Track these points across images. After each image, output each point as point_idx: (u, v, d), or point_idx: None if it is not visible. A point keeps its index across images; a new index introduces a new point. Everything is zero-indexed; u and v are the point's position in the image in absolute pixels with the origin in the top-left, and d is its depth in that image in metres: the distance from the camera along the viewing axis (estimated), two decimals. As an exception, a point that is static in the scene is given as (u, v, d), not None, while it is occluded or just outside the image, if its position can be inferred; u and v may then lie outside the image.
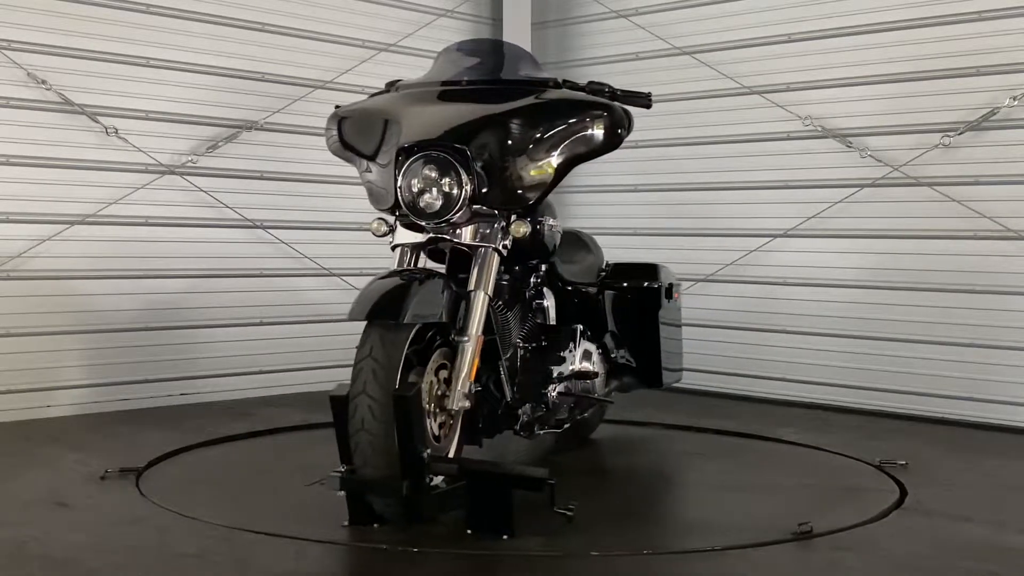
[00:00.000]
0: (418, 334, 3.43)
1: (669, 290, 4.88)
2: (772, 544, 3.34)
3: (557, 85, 3.86)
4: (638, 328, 4.79)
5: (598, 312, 4.70)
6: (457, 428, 3.58)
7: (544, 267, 4.28)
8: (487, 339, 3.62)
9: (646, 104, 3.90)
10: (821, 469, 4.51)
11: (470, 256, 3.71)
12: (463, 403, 3.51)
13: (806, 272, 6.11)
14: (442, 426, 3.54)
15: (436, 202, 3.59)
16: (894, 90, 5.76)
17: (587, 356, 4.43)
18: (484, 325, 3.58)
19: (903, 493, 4.00)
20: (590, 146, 3.79)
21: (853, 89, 5.90)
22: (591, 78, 4.06)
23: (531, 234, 3.76)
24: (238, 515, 3.57)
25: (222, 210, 5.92)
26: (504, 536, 3.35)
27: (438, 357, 3.54)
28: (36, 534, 3.33)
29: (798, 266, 6.14)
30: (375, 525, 3.43)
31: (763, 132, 6.25)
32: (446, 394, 3.52)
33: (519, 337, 4.13)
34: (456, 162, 3.58)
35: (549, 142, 3.72)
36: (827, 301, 6.00)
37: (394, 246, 3.81)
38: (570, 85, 3.87)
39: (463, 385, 3.50)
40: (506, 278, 4.03)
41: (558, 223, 4.13)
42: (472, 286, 3.61)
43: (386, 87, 4.12)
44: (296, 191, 6.25)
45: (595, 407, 4.73)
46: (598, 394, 4.48)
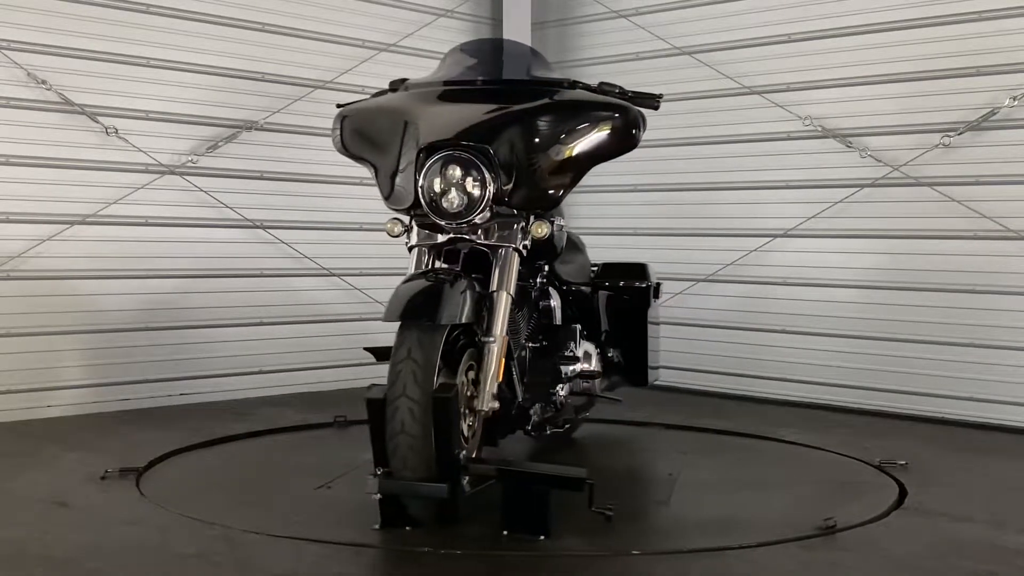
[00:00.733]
0: (447, 335, 3.41)
1: (656, 289, 4.94)
2: (772, 544, 3.34)
3: (571, 85, 3.87)
4: (628, 327, 4.81)
5: (593, 312, 4.71)
6: (480, 429, 3.57)
7: (546, 267, 4.28)
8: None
9: (654, 105, 3.90)
10: (821, 469, 4.52)
11: (484, 256, 3.70)
12: (493, 404, 3.50)
13: (806, 272, 6.11)
14: (469, 427, 3.53)
15: (460, 202, 3.57)
16: (894, 90, 5.76)
17: (588, 356, 4.44)
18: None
19: (903, 493, 4.01)
20: (609, 147, 3.79)
21: (853, 89, 5.90)
22: (591, 78, 4.06)
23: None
24: (239, 515, 3.57)
25: (222, 210, 5.92)
26: (541, 537, 3.34)
27: (467, 358, 3.51)
28: (36, 534, 3.33)
29: (798, 266, 6.14)
30: (407, 528, 3.41)
31: (763, 132, 6.25)
32: (474, 395, 3.50)
33: (525, 337, 4.14)
34: (480, 162, 3.56)
35: (570, 142, 3.71)
36: (827, 301, 6.00)
37: (411, 247, 3.77)
38: (582, 86, 3.88)
39: (492, 386, 3.49)
40: None
41: (566, 223, 4.14)
42: (495, 287, 3.61)
43: (391, 86, 4.10)
44: (296, 191, 6.25)
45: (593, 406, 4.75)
46: (598, 392, 4.49)
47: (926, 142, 5.61)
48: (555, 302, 4.34)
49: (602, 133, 3.76)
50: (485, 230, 3.66)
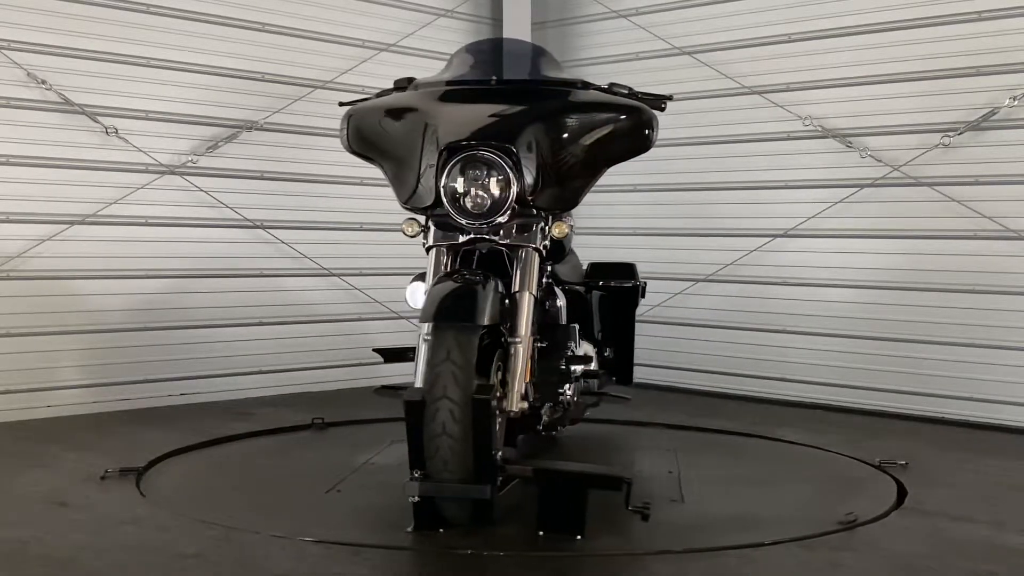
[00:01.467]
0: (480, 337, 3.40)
1: (643, 289, 4.95)
2: (772, 544, 3.34)
3: (584, 86, 3.87)
4: (617, 326, 4.82)
5: (587, 311, 4.71)
6: (505, 429, 3.56)
7: (550, 267, 4.28)
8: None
9: (660, 107, 3.91)
10: (821, 469, 4.52)
11: (498, 255, 3.70)
12: (522, 404, 3.49)
13: (806, 272, 6.11)
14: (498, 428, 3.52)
15: (484, 202, 3.55)
16: (894, 90, 5.76)
17: (588, 355, 4.44)
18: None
19: (903, 493, 4.01)
20: (626, 147, 3.81)
21: (853, 89, 5.90)
22: (591, 78, 4.06)
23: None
24: (239, 515, 3.57)
25: (222, 210, 5.92)
26: (577, 537, 3.33)
27: (496, 359, 3.50)
28: (36, 534, 3.33)
29: (798, 266, 6.14)
30: (440, 530, 3.38)
31: (763, 132, 6.26)
32: (504, 395, 3.49)
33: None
34: (504, 162, 3.55)
35: (591, 143, 3.73)
36: (827, 301, 6.00)
37: (428, 247, 3.73)
38: (594, 86, 3.88)
39: (520, 386, 3.49)
40: None
41: (575, 223, 4.15)
42: (517, 287, 3.60)
43: (396, 85, 4.06)
44: (296, 191, 6.25)
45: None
46: (596, 391, 4.50)
47: (926, 142, 5.61)
48: (561, 302, 4.35)
49: (621, 134, 3.78)
50: (506, 230, 3.65)
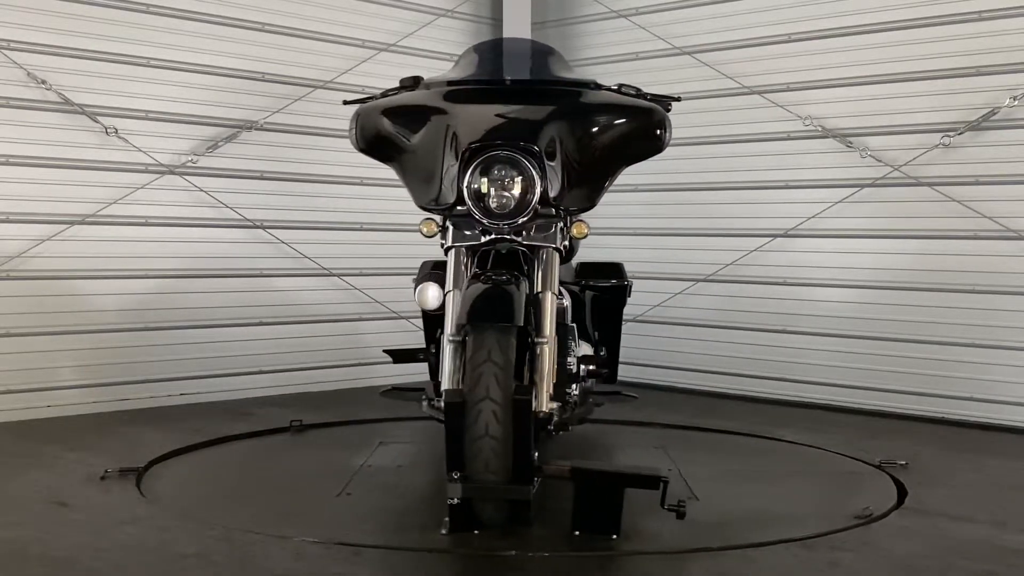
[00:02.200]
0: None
1: (630, 288, 4.94)
2: (772, 544, 3.34)
3: (596, 87, 3.87)
4: (606, 325, 4.83)
5: (582, 311, 4.72)
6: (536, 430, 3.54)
7: None
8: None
9: (667, 108, 3.93)
10: (821, 469, 4.52)
11: (514, 256, 3.70)
12: (552, 404, 3.49)
13: (806, 272, 6.11)
14: None
15: (508, 202, 3.55)
16: (894, 90, 5.75)
17: (593, 355, 4.44)
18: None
19: (903, 493, 4.01)
20: (643, 148, 3.84)
21: (853, 89, 5.89)
22: (595, 78, 4.05)
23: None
24: (239, 515, 3.57)
25: (222, 210, 5.92)
26: (613, 536, 3.32)
27: (527, 360, 3.49)
28: (36, 534, 3.33)
29: (798, 266, 6.14)
30: (475, 532, 3.36)
31: (763, 132, 6.25)
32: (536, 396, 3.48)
33: None
34: (528, 163, 3.55)
35: (609, 143, 3.76)
36: (827, 301, 6.00)
37: (447, 247, 3.71)
38: (605, 87, 3.88)
39: (548, 386, 3.48)
40: None
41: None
42: (539, 287, 3.61)
43: (402, 84, 4.02)
44: (296, 191, 6.25)
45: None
46: (594, 390, 4.50)
47: (926, 142, 5.61)
48: (567, 302, 4.34)
49: (638, 135, 3.81)
50: (527, 230, 3.64)
